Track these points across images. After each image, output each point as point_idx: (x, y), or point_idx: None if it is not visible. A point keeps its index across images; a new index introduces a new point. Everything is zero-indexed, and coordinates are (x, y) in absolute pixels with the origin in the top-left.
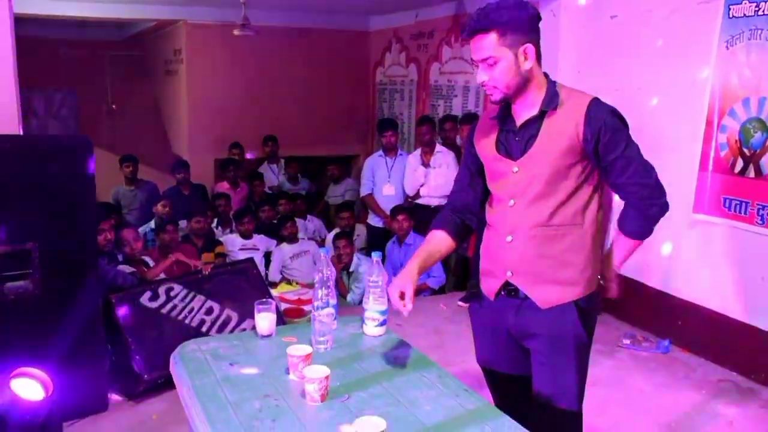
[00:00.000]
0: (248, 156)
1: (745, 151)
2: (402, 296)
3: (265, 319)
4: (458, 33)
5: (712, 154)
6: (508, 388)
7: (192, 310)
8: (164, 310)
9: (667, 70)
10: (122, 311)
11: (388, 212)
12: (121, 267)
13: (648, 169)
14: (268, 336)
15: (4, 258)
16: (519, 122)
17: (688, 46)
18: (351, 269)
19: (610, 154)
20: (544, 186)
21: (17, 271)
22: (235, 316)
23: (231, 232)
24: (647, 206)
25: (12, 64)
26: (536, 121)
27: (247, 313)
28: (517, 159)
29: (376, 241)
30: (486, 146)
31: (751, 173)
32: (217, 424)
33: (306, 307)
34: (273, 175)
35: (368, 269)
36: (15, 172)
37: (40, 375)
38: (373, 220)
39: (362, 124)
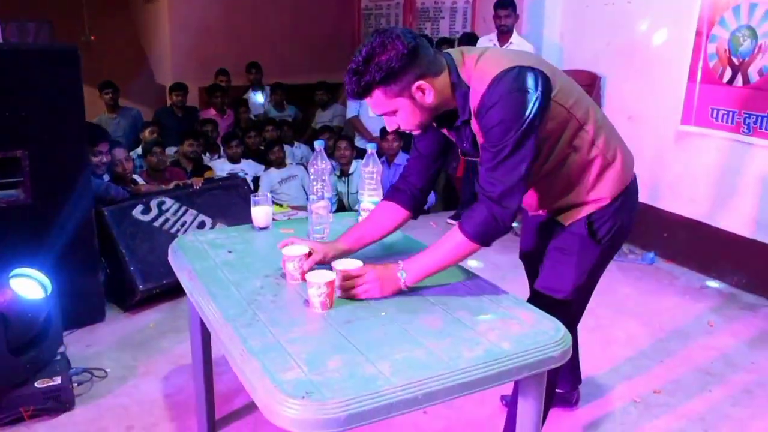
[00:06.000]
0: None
1: (734, 60)
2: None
3: (261, 211)
4: None
5: (700, 64)
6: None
7: (184, 223)
8: (156, 223)
9: None
10: (115, 223)
11: (375, 134)
12: None
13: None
14: (265, 228)
15: None
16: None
17: None
18: (351, 171)
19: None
20: None
21: (8, 179)
22: None
23: (218, 158)
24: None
25: None
26: (465, 126)
27: None
28: (476, 156)
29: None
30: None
31: (739, 82)
32: (220, 300)
33: None
34: (258, 103)
35: (364, 161)
36: (2, 79)
37: (37, 275)
38: (360, 142)
39: (348, 50)
